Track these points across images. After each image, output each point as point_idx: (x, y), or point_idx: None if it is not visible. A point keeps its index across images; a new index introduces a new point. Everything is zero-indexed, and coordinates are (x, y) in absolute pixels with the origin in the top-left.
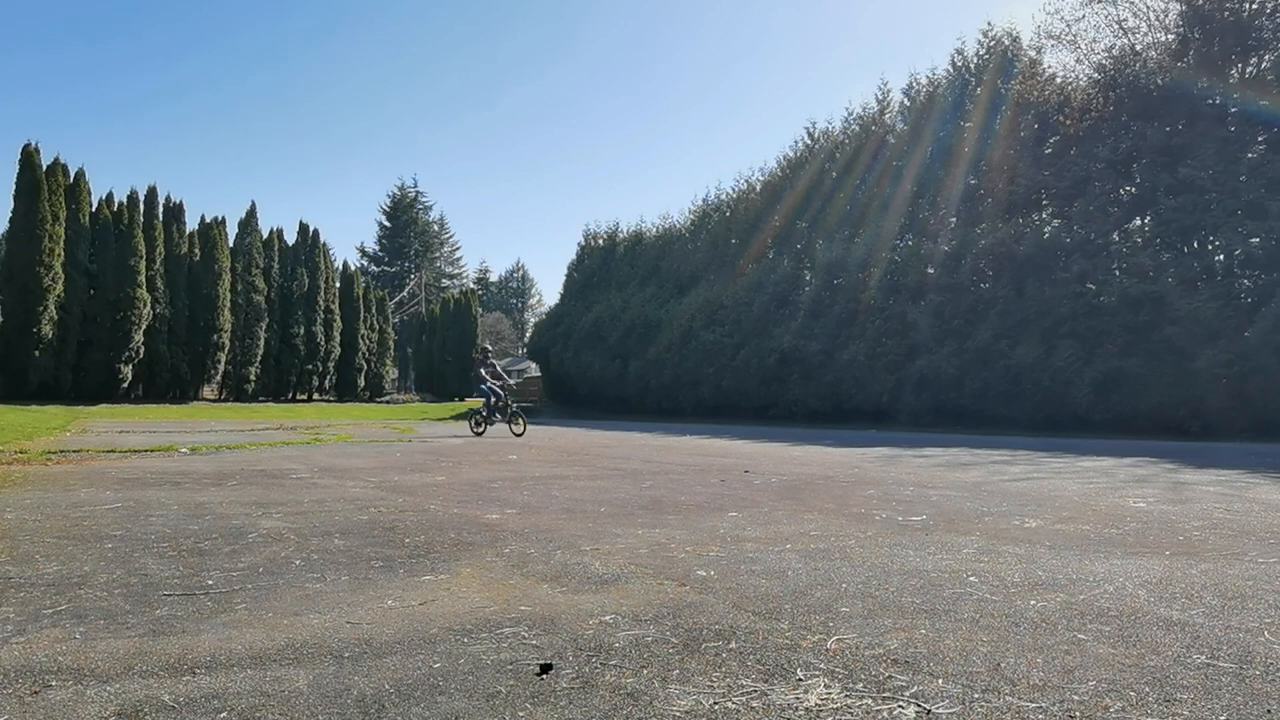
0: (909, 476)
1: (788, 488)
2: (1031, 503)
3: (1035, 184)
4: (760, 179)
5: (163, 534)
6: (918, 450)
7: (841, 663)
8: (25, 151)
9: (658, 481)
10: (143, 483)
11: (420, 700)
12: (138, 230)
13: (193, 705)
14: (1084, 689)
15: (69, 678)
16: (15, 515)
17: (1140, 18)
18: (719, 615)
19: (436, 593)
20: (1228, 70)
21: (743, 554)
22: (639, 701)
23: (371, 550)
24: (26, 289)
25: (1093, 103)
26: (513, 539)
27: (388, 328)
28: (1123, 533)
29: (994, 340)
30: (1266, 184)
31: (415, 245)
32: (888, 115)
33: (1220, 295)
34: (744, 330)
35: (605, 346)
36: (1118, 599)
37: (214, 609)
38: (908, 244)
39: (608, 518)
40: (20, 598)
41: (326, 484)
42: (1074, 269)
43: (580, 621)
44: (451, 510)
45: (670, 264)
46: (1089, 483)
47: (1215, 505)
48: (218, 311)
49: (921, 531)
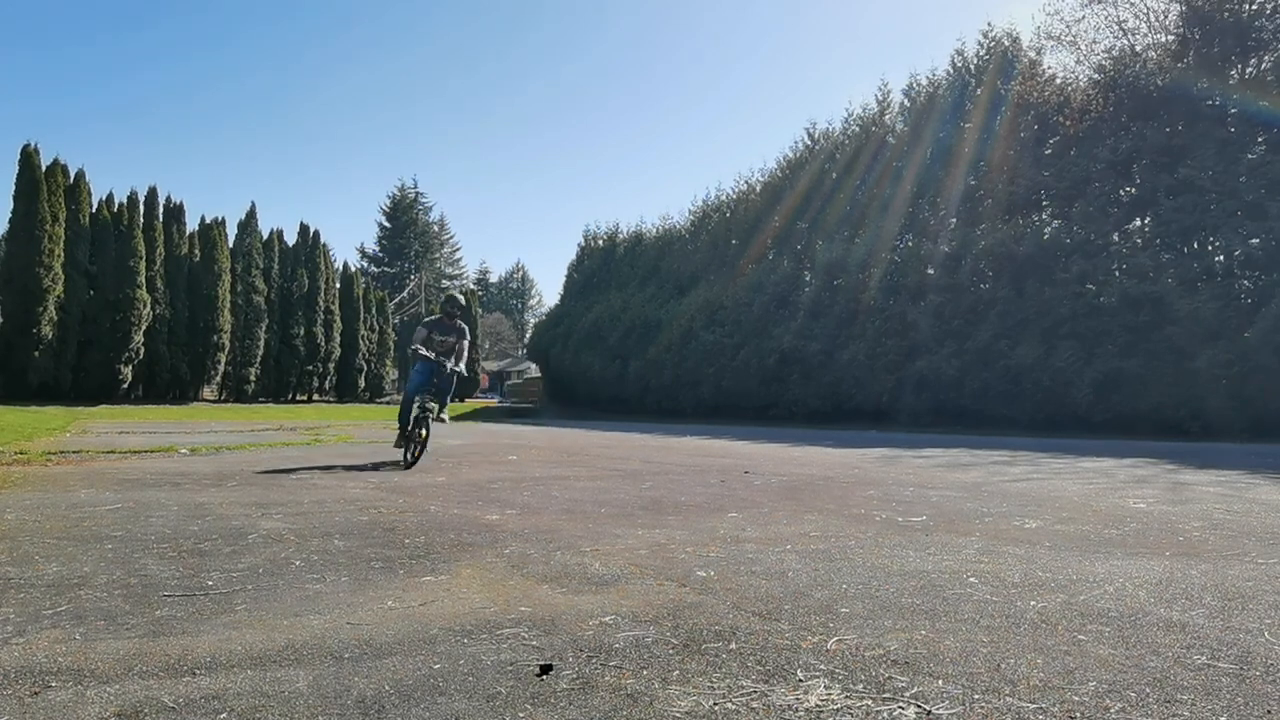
0: (909, 477)
1: (788, 488)
2: (1031, 503)
3: (1035, 184)
4: (760, 179)
5: (163, 535)
6: (917, 451)
7: (842, 663)
8: (25, 152)
9: (658, 482)
10: (143, 483)
11: (420, 701)
12: (138, 231)
13: (193, 706)
14: (1084, 690)
15: (69, 678)
16: (15, 516)
17: (1140, 18)
18: (719, 616)
19: (436, 593)
20: (1228, 71)
21: (743, 555)
22: (639, 702)
23: (371, 551)
24: (26, 290)
25: (1093, 103)
26: (513, 540)
27: (388, 328)
28: (1123, 533)
29: (994, 340)
30: (1266, 184)
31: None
32: (888, 116)
33: (1220, 295)
34: (744, 330)
35: (605, 347)
36: (1118, 600)
37: (214, 610)
38: (908, 244)
39: (608, 518)
40: (20, 598)
41: (326, 485)
42: (1074, 269)
43: (580, 622)
44: (451, 511)
45: (670, 264)
46: (1089, 483)
47: (1215, 506)
48: (218, 312)
49: (921, 532)
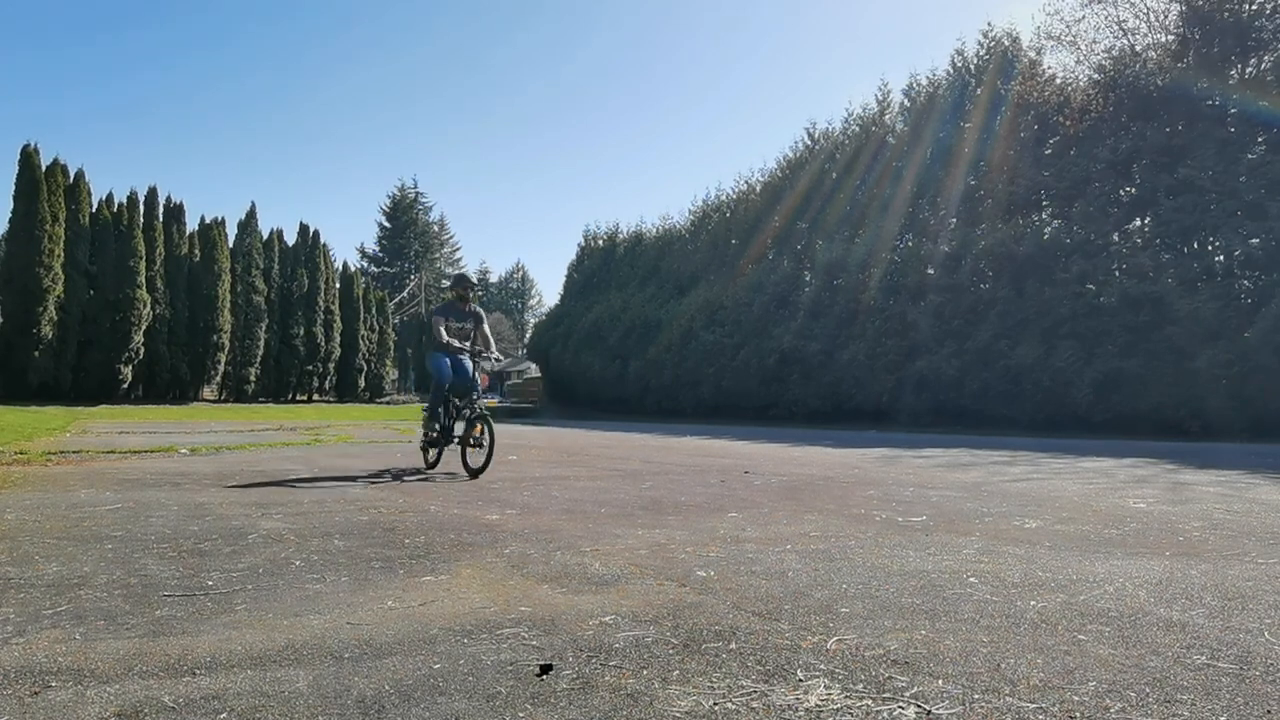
0: (909, 477)
1: (788, 488)
2: (1031, 503)
3: (1035, 184)
4: (760, 179)
5: (163, 535)
6: (917, 451)
7: (842, 663)
8: (25, 152)
9: (658, 482)
10: (143, 483)
11: (420, 701)
12: (137, 231)
13: (193, 706)
14: (1084, 690)
15: (69, 678)
16: (15, 516)
17: (1140, 18)
18: (719, 616)
19: (436, 593)
20: (1227, 71)
21: (743, 554)
22: (639, 702)
23: (371, 551)
24: (26, 290)
25: (1093, 103)
26: (513, 539)
27: (388, 328)
28: (1123, 533)
29: (994, 341)
30: (1266, 184)
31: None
32: (888, 116)
33: (1220, 296)
34: (744, 330)
35: (605, 347)
36: (1118, 600)
37: (214, 610)
38: (908, 244)
39: (608, 518)
40: (20, 598)
41: (326, 485)
42: (1074, 269)
43: (580, 622)
44: (451, 511)
45: (670, 264)
46: (1089, 483)
47: (1215, 506)
48: (218, 312)
49: (921, 532)
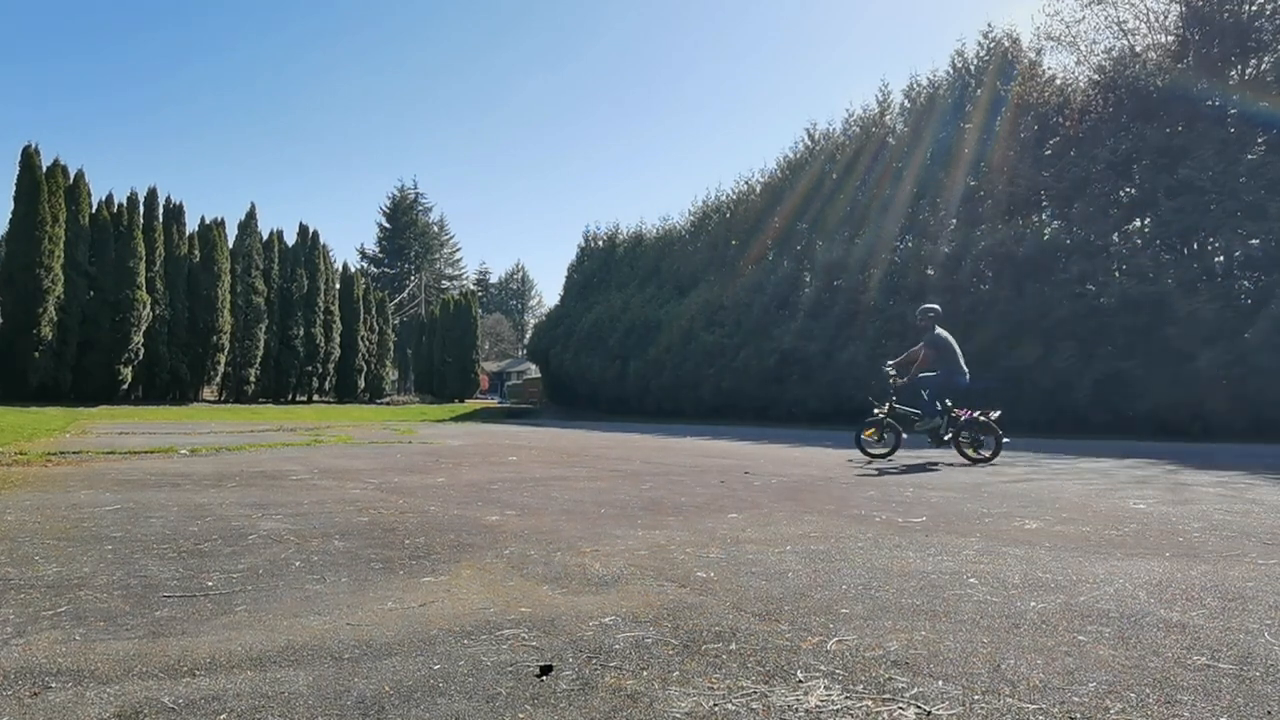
0: (908, 477)
1: (788, 489)
2: (1031, 504)
3: (1035, 185)
4: (760, 180)
5: (163, 535)
6: (917, 451)
7: (842, 664)
8: (25, 153)
9: (658, 483)
10: (142, 484)
11: (420, 702)
12: (137, 231)
13: (192, 707)
14: (1084, 690)
15: (69, 679)
16: (15, 516)
17: (1140, 19)
18: (719, 617)
19: (436, 594)
20: (1227, 72)
21: (743, 555)
22: (639, 703)
23: (371, 552)
24: (26, 290)
25: (1092, 104)
26: (513, 540)
27: (388, 329)
28: (1123, 534)
29: (994, 341)
30: (1266, 185)
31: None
32: (888, 116)
33: (1220, 296)
34: (744, 331)
35: (605, 348)
36: (1118, 600)
37: (214, 610)
38: (908, 245)
39: (608, 519)
40: (20, 599)
41: (326, 485)
42: (1074, 270)
43: (580, 623)
44: (451, 512)
45: (670, 265)
46: (1089, 484)
47: (1215, 506)
48: (217, 313)
49: (921, 533)
